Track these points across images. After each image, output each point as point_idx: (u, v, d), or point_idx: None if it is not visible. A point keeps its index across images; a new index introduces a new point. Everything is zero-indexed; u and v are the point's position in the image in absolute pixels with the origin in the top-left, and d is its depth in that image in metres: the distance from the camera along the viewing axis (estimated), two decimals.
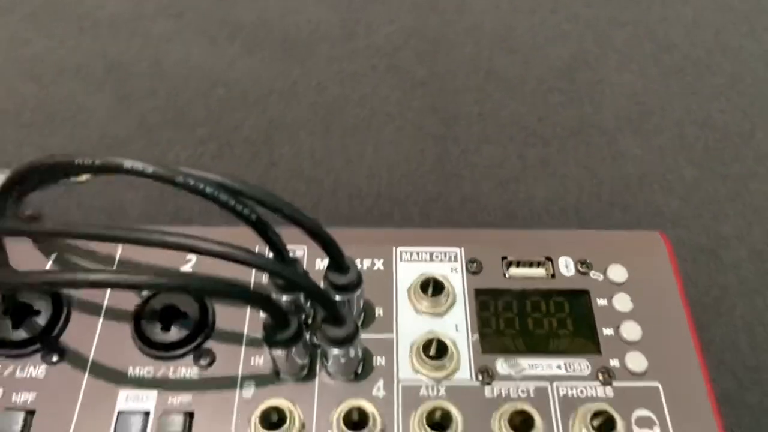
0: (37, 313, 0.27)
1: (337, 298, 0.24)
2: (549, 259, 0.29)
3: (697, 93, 0.48)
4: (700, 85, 0.49)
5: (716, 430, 0.24)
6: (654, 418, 0.25)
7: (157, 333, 0.26)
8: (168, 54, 0.50)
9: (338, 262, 0.24)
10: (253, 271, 0.28)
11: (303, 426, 0.24)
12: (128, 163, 0.19)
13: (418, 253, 0.29)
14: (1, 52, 0.50)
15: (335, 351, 0.24)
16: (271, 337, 0.23)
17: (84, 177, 0.23)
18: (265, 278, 0.27)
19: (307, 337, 0.25)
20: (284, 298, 0.24)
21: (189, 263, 0.28)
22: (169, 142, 0.45)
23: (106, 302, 0.27)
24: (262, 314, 0.23)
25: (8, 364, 0.26)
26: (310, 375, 0.26)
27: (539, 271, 0.28)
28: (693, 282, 0.37)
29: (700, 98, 0.48)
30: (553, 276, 0.28)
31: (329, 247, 0.23)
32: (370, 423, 0.24)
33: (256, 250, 0.23)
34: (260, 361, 0.26)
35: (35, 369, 0.26)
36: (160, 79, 0.48)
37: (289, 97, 0.48)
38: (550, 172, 0.43)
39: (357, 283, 0.24)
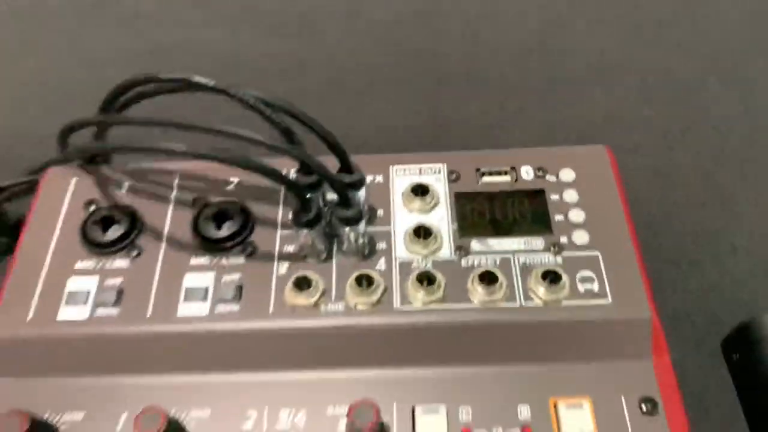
0: (120, 221, 0.35)
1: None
2: (513, 168, 0.36)
3: (659, 47, 0.55)
4: (662, 40, 0.56)
5: (641, 285, 0.32)
6: (594, 276, 0.32)
7: (211, 231, 0.34)
8: (198, 38, 0.58)
9: (346, 165, 0.32)
10: None
11: (324, 292, 0.32)
12: (195, 78, 0.27)
13: (409, 169, 0.37)
14: (60, 47, 0.59)
15: (346, 230, 0.31)
16: (297, 220, 0.31)
17: None
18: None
19: (326, 230, 0.33)
20: (307, 195, 0.32)
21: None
22: None
23: (170, 212, 0.35)
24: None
25: (102, 259, 0.34)
26: (329, 257, 0.33)
27: (505, 178, 0.36)
28: (647, 199, 0.44)
29: (660, 51, 0.55)
30: (516, 180, 0.36)
31: (338, 151, 0.31)
32: (375, 284, 0.31)
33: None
34: (291, 248, 0.34)
35: (121, 261, 0.34)
36: (191, 60, 0.57)
37: (302, 69, 0.56)
38: (526, 119, 0.51)
39: (361, 182, 0.32)
